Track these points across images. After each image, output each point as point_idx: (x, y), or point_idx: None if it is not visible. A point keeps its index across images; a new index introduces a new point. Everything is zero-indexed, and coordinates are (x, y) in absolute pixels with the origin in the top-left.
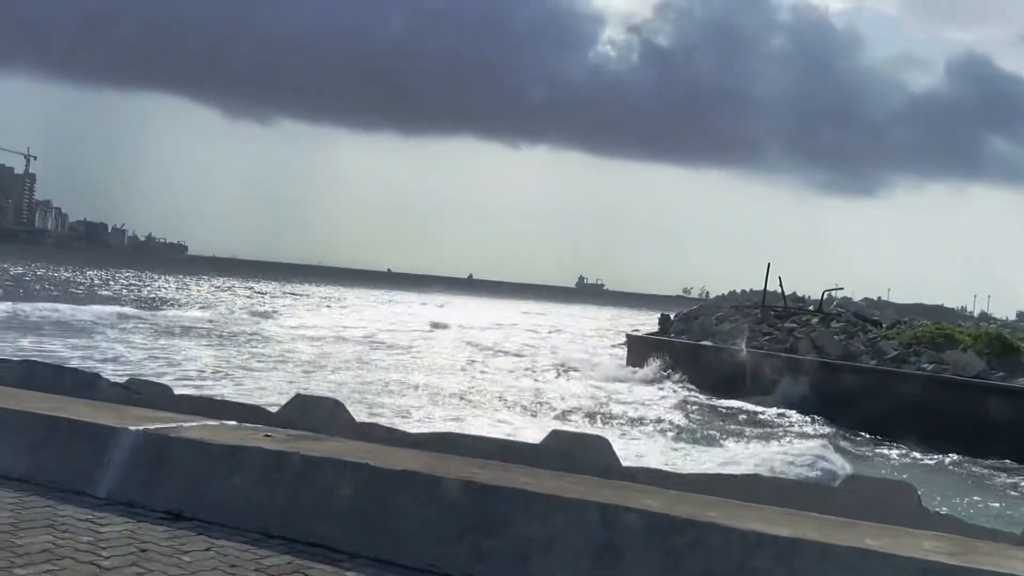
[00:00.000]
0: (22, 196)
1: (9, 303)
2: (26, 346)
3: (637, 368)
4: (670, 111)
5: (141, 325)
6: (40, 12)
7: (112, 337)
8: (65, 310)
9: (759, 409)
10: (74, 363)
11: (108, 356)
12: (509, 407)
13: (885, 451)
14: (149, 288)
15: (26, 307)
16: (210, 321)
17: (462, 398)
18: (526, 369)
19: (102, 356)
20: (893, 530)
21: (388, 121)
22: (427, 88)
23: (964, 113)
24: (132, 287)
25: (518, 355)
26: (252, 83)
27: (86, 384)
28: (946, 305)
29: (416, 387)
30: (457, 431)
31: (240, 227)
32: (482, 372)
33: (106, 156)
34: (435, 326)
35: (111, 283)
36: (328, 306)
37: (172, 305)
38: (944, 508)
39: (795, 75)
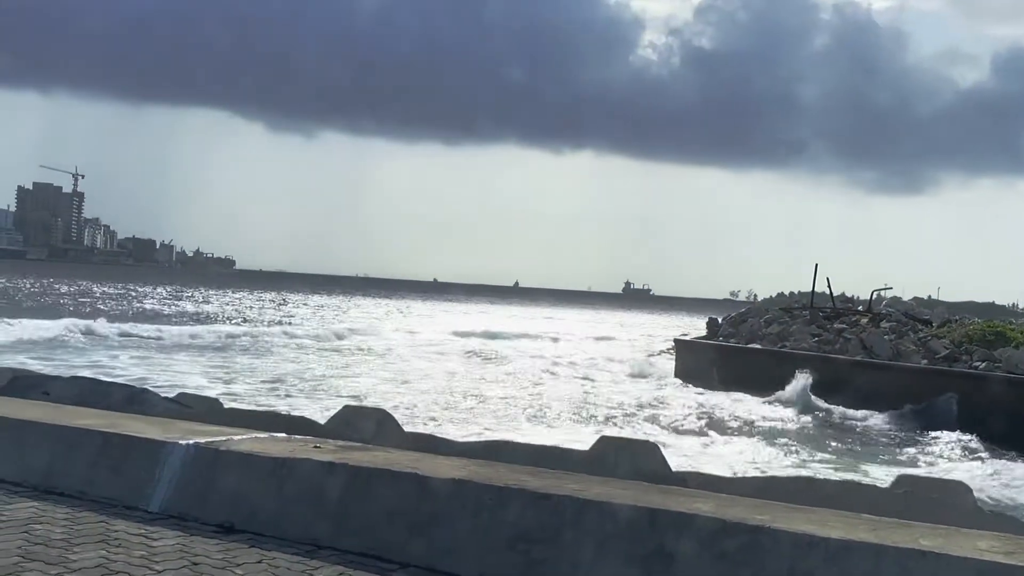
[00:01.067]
0: (71, 214)
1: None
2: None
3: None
4: (713, 113)
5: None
6: (86, 30)
7: (321, 363)
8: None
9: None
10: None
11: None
12: None
13: None
14: (241, 305)
15: (172, 330)
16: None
17: None
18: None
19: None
20: (947, 530)
21: (430, 131)
22: (468, 97)
23: (1011, 107)
24: (221, 303)
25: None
26: (295, 97)
27: (137, 399)
28: (997, 302)
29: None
30: (504, 439)
31: (285, 240)
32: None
33: (153, 172)
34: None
35: (194, 299)
36: (402, 314)
37: (284, 324)
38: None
39: (840, 74)
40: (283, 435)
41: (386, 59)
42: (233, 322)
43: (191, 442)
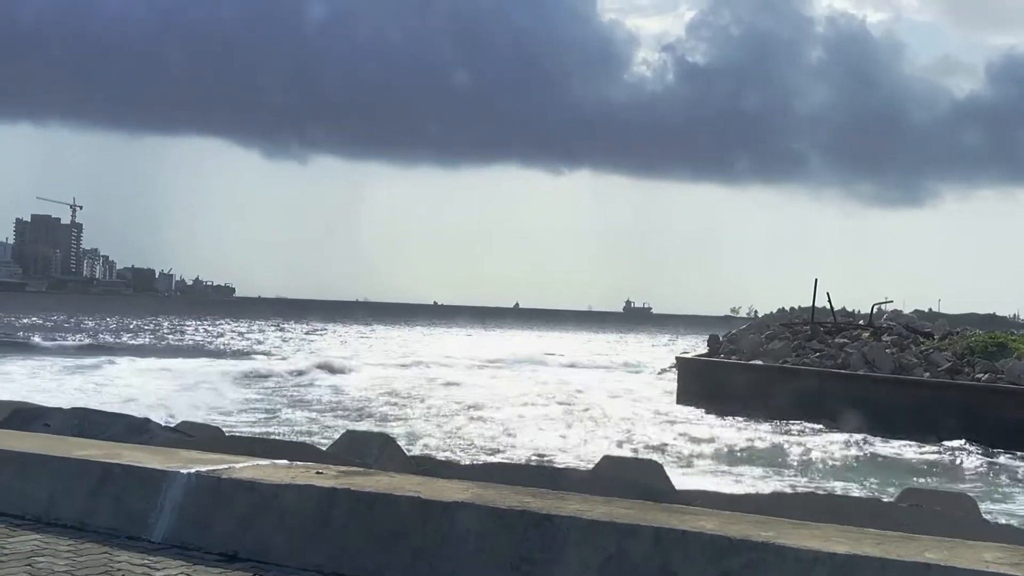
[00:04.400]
0: (70, 246)
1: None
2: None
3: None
4: (709, 130)
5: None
6: (78, 60)
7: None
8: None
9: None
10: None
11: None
12: None
13: None
14: (250, 338)
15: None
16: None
17: None
18: None
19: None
20: (953, 543)
21: (426, 153)
22: (464, 119)
23: (1009, 116)
24: (230, 335)
25: None
26: (289, 123)
27: (137, 429)
28: (998, 314)
29: None
30: (506, 461)
31: (284, 266)
32: None
33: (150, 202)
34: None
35: (211, 333)
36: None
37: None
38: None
39: (835, 87)
40: (284, 462)
41: (381, 83)
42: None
43: (192, 471)
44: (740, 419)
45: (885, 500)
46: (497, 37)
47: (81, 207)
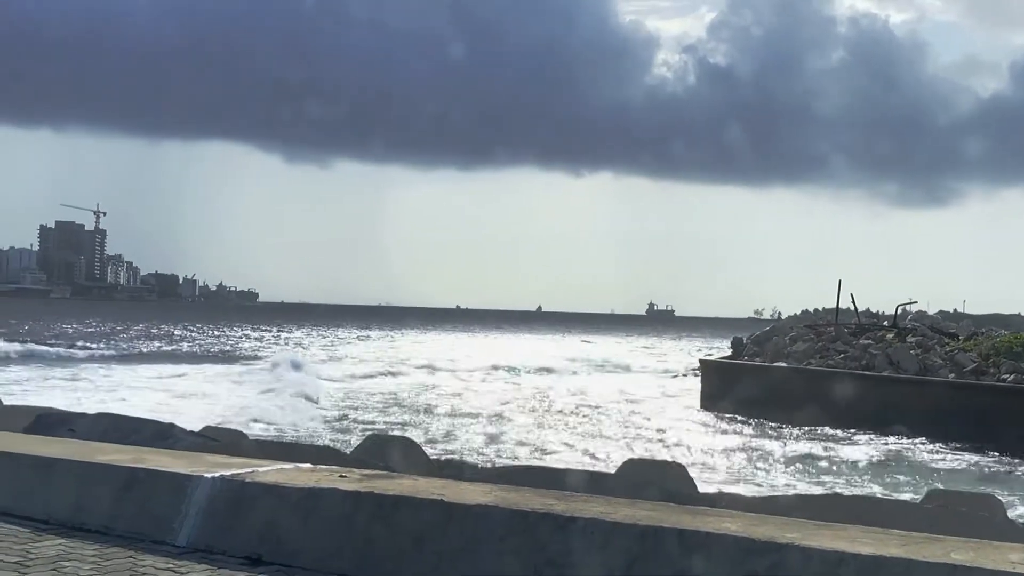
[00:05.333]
0: (94, 252)
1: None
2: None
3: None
4: (730, 131)
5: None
6: (97, 66)
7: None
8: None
9: None
10: None
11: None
12: None
13: None
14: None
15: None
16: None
17: None
18: None
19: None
20: (979, 544)
21: (446, 156)
22: (484, 121)
23: None
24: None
25: None
26: (309, 127)
27: (162, 434)
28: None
29: None
30: (530, 463)
31: (306, 270)
32: None
33: (172, 207)
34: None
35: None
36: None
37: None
38: None
39: (858, 87)
40: (308, 465)
41: (399, 85)
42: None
43: (217, 475)
44: (763, 420)
45: (910, 501)
46: (516, 39)
47: (105, 213)
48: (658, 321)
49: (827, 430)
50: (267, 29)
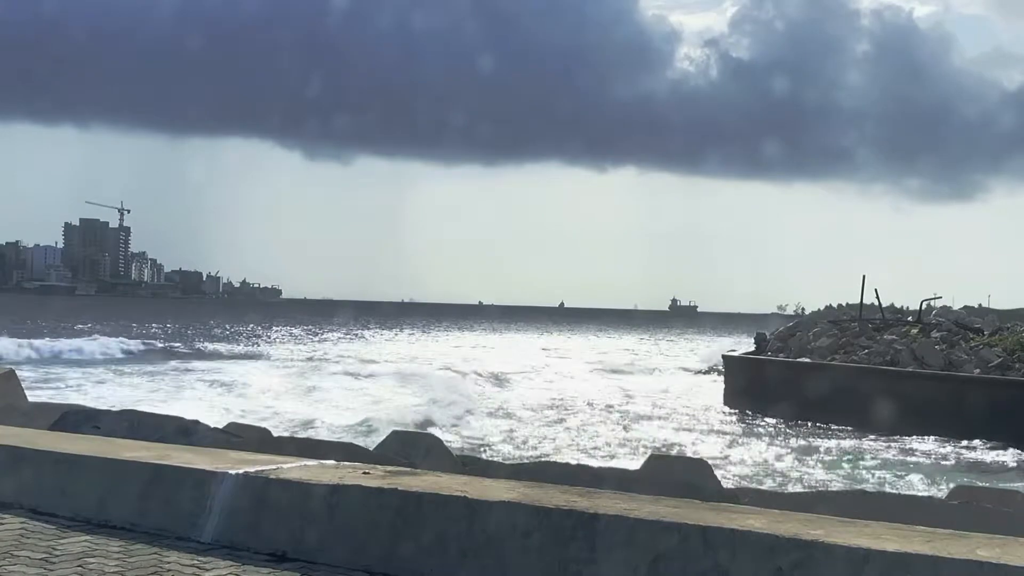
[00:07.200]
0: (118, 249)
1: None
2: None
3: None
4: (754, 126)
5: None
6: (119, 63)
7: None
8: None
9: None
10: None
11: None
12: None
13: None
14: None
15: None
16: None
17: None
18: None
19: None
20: (1005, 540)
21: (468, 152)
22: (505, 116)
23: None
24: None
25: None
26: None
27: (186, 431)
28: None
29: None
30: (553, 460)
31: (328, 267)
32: None
33: (195, 204)
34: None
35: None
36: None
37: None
38: None
39: (882, 81)
40: (332, 462)
41: (421, 81)
42: None
43: (241, 471)
44: (787, 416)
45: (935, 497)
46: (539, 34)
47: (129, 211)
48: (681, 317)
49: (851, 426)
50: (290, 25)
